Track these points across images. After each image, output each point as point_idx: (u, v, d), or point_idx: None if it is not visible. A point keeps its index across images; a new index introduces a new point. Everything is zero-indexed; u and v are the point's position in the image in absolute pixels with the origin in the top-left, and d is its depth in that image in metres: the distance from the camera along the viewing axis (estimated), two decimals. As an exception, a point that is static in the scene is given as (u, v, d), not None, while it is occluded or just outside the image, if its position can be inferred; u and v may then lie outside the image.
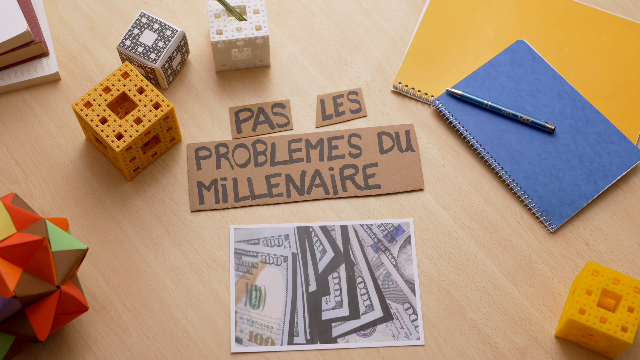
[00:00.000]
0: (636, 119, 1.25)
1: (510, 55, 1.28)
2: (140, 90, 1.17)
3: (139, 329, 1.13)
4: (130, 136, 1.15)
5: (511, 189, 1.21)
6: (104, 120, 1.16)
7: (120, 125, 1.15)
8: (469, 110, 1.25)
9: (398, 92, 1.27)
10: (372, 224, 1.18)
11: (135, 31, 1.22)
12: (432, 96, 1.26)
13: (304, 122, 1.25)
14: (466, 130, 1.24)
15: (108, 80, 1.18)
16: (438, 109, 1.25)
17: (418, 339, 1.11)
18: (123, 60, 1.24)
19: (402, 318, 1.12)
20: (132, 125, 1.15)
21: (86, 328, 1.13)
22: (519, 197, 1.20)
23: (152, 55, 1.21)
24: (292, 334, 1.11)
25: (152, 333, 1.13)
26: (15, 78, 1.26)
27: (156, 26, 1.22)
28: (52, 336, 1.12)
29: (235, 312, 1.12)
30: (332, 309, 1.12)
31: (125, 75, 1.18)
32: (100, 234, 1.18)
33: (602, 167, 1.21)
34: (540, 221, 1.19)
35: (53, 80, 1.27)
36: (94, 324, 1.13)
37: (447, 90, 1.26)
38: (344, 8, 1.33)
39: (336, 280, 1.14)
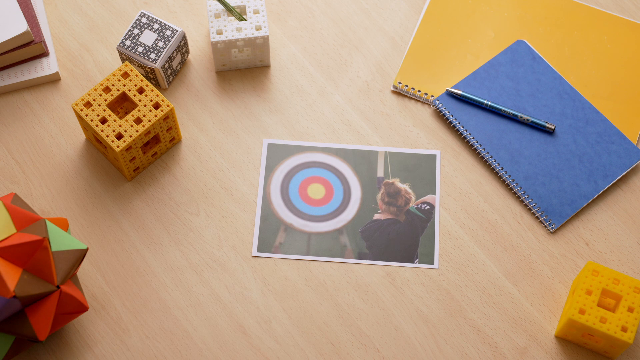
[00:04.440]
0: (636, 119, 1.25)
1: (510, 55, 1.28)
2: (140, 90, 1.17)
3: (139, 329, 1.13)
4: (130, 136, 1.15)
5: (511, 189, 1.21)
6: (104, 120, 1.16)
7: (120, 125, 1.15)
8: (469, 110, 1.25)
9: (398, 92, 1.27)
10: None
11: (135, 31, 1.22)
12: (432, 96, 1.26)
13: (304, 122, 1.25)
14: (466, 130, 1.24)
15: (108, 80, 1.18)
16: (438, 109, 1.25)
17: None
18: (123, 60, 1.24)
19: None
20: (132, 125, 1.15)
21: (86, 328, 1.13)
22: (519, 197, 1.20)
23: (152, 55, 1.21)
24: None
25: (152, 333, 1.13)
26: (15, 78, 1.26)
27: (156, 26, 1.22)
28: (52, 336, 1.12)
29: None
30: None
31: (125, 75, 1.18)
32: (100, 234, 1.18)
33: (602, 167, 1.21)
34: (540, 221, 1.19)
35: (53, 80, 1.27)
36: (94, 324, 1.13)
37: (447, 90, 1.26)
38: (344, 8, 1.33)
39: None
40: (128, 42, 1.21)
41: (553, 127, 1.23)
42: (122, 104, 1.20)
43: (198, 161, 1.23)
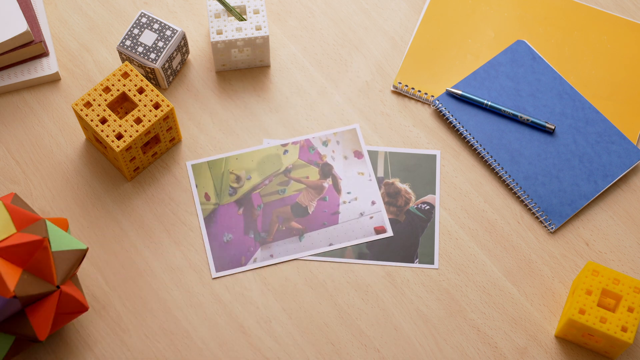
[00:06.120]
0: (636, 119, 1.25)
1: (510, 55, 1.28)
2: (140, 90, 1.17)
3: (139, 329, 1.13)
4: (130, 136, 1.15)
5: (511, 189, 1.21)
6: (104, 120, 1.16)
7: (120, 125, 1.15)
8: (469, 110, 1.25)
9: (398, 92, 1.27)
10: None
11: (135, 31, 1.22)
12: (432, 96, 1.26)
13: (304, 122, 1.25)
14: (466, 130, 1.24)
15: (108, 80, 1.18)
16: (438, 109, 1.25)
17: None
18: (123, 60, 1.24)
19: None
20: (132, 125, 1.15)
21: (86, 328, 1.13)
22: (519, 197, 1.20)
23: (152, 55, 1.21)
24: None
25: (152, 333, 1.13)
26: (15, 78, 1.26)
27: (156, 26, 1.22)
28: (52, 336, 1.12)
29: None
30: None
31: (125, 75, 1.18)
32: (100, 234, 1.18)
33: (602, 167, 1.21)
34: (540, 221, 1.19)
35: (53, 80, 1.27)
36: (94, 324, 1.13)
37: (447, 90, 1.26)
38: (344, 8, 1.33)
39: None
40: (128, 42, 1.21)
41: (553, 127, 1.23)
42: (122, 104, 1.20)
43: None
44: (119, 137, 1.16)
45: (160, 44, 1.21)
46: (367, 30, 1.32)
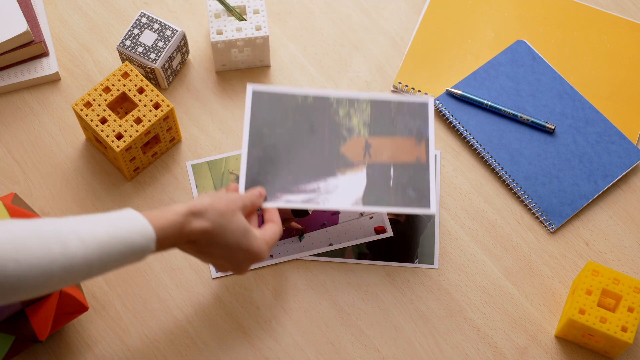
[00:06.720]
0: (636, 119, 1.25)
1: (510, 55, 1.28)
2: (140, 90, 1.17)
3: (139, 329, 1.13)
4: (130, 136, 1.15)
5: (511, 189, 1.21)
6: (104, 120, 1.16)
7: (120, 125, 1.15)
8: (469, 110, 1.25)
9: (398, 92, 1.27)
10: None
11: (135, 31, 1.22)
12: (432, 96, 1.26)
13: (304, 122, 1.25)
14: (466, 130, 1.24)
15: (108, 80, 1.18)
16: (438, 109, 1.25)
17: None
18: (123, 60, 1.24)
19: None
20: (132, 125, 1.15)
21: (86, 328, 1.13)
22: (519, 197, 1.21)
23: (152, 55, 1.21)
24: None
25: (152, 333, 1.13)
26: (15, 78, 1.26)
27: (156, 26, 1.22)
28: (52, 336, 1.12)
29: None
30: None
31: (125, 75, 1.18)
32: (100, 234, 1.18)
33: (602, 167, 1.21)
34: (540, 221, 1.19)
35: (53, 80, 1.27)
36: (94, 324, 1.13)
37: (447, 90, 1.26)
38: (344, 8, 1.33)
39: None
40: (128, 42, 1.21)
41: (553, 127, 1.23)
42: (122, 104, 1.20)
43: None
44: (119, 137, 1.16)
45: (160, 44, 1.21)
46: (367, 30, 1.32)
